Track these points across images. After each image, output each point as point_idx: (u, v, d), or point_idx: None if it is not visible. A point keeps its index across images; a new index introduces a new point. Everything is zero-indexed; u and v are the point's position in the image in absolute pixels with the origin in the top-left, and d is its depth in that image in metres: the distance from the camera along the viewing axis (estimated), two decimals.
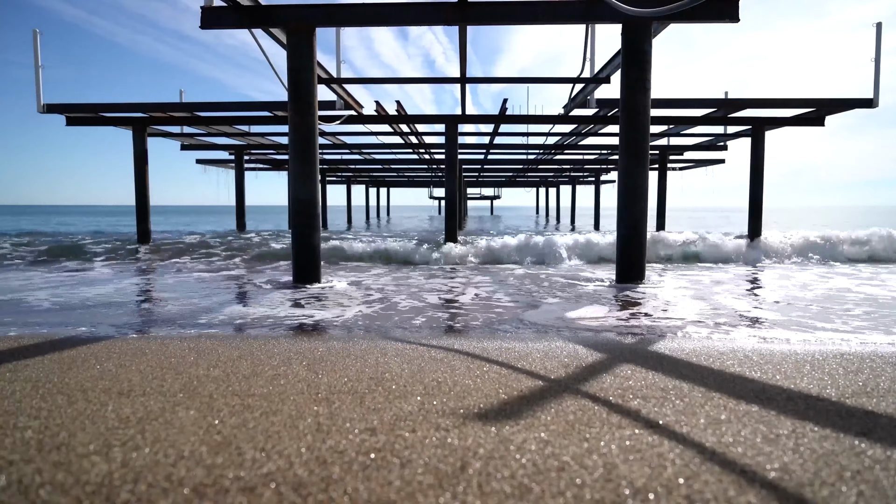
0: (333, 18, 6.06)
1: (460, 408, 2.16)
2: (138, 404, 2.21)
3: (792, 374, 2.64)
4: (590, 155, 18.11)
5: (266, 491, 1.49)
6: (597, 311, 4.74)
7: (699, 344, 3.36)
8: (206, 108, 10.39)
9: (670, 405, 2.18)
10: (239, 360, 2.91)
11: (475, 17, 6.00)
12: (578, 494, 1.47)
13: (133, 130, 12.08)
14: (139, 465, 1.65)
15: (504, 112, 10.96)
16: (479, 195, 48.24)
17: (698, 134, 14.22)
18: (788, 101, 10.02)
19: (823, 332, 3.84)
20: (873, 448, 1.76)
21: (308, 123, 6.18)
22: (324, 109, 9.16)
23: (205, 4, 5.80)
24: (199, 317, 4.51)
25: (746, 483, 1.53)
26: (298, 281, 6.42)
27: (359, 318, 4.44)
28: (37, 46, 8.93)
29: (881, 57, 8.47)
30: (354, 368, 2.76)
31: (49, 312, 4.72)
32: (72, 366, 2.82)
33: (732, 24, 5.87)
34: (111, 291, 6.03)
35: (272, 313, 4.63)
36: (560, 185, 35.57)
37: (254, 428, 1.95)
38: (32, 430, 1.93)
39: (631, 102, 6.12)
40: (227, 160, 18.04)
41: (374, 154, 17.73)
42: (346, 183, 31.15)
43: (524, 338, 3.59)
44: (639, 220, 6.24)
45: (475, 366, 2.80)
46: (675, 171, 21.68)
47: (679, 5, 3.89)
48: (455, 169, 11.83)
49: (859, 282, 6.70)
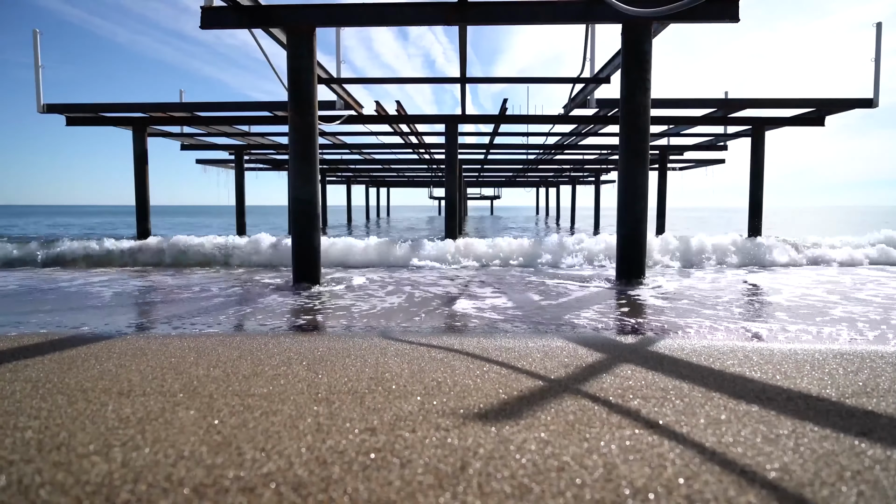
0: (333, 18, 6.06)
1: (460, 408, 2.16)
2: (138, 404, 2.21)
3: (792, 374, 2.64)
4: (590, 155, 18.11)
5: (266, 491, 1.49)
6: (597, 311, 4.74)
7: (699, 344, 3.35)
8: (206, 108, 10.39)
9: (670, 405, 2.18)
10: (239, 360, 2.91)
11: (475, 17, 6.00)
12: (578, 494, 1.47)
13: (133, 130, 12.08)
14: (139, 465, 1.65)
15: (504, 112, 10.96)
16: (479, 195, 48.26)
17: (698, 134, 14.21)
18: (788, 101, 10.02)
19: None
20: (873, 448, 1.76)
21: (308, 123, 6.18)
22: (324, 109, 9.16)
23: (205, 4, 5.80)
24: (199, 316, 4.51)
25: (746, 483, 1.53)
26: (298, 281, 6.41)
27: (359, 318, 4.44)
28: (37, 46, 8.93)
29: (881, 57, 8.46)
30: (354, 368, 2.76)
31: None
32: (72, 366, 2.82)
33: (732, 24, 5.87)
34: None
35: (272, 313, 4.63)
36: (560, 185, 35.57)
37: (254, 428, 1.95)
38: (32, 430, 1.93)
39: (631, 102, 6.12)
40: (227, 160, 18.03)
41: (374, 154, 17.73)
42: (346, 183, 31.16)
43: (524, 337, 3.59)
44: (639, 219, 6.24)
45: (475, 366, 2.80)
46: (675, 171, 21.68)
47: (679, 5, 3.89)
48: (455, 169, 11.83)
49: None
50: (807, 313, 4.59)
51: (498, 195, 46.95)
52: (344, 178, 29.69)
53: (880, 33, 8.20)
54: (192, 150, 16.40)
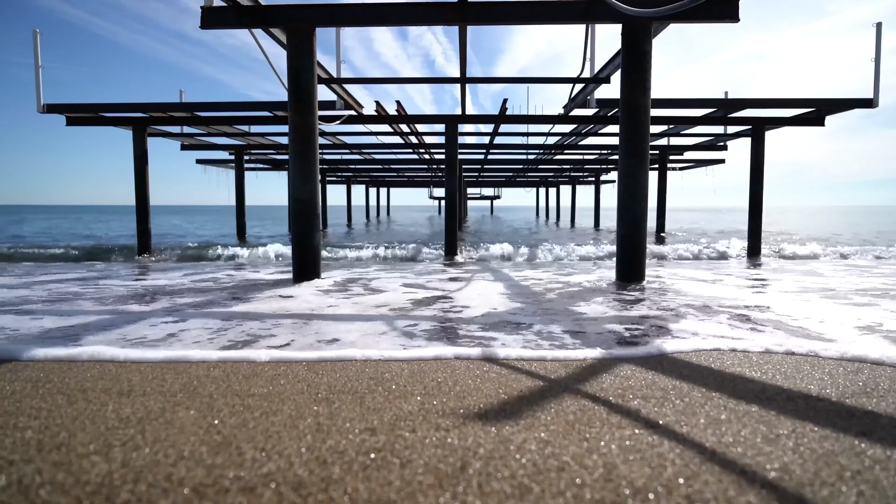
0: (333, 18, 6.06)
1: (460, 408, 2.16)
2: (138, 404, 2.21)
3: (792, 374, 2.64)
4: (590, 155, 18.10)
5: (266, 491, 1.49)
6: (596, 310, 4.74)
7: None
8: (206, 108, 10.38)
9: (670, 405, 2.18)
10: (239, 360, 2.91)
11: (475, 17, 6.00)
12: (578, 494, 1.47)
13: (133, 130, 12.07)
14: (139, 465, 1.65)
15: (504, 112, 10.96)
16: (479, 195, 48.25)
17: (698, 134, 14.21)
18: (788, 101, 10.02)
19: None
20: (873, 448, 1.76)
21: (308, 123, 6.18)
22: (324, 109, 9.16)
23: (205, 4, 5.80)
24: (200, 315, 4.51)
25: (746, 483, 1.53)
26: (298, 279, 6.42)
27: (359, 318, 4.44)
28: (37, 46, 8.93)
29: (881, 57, 8.46)
30: (354, 368, 2.76)
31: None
32: (72, 366, 2.82)
33: (732, 24, 5.87)
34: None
35: (272, 313, 4.63)
36: (560, 185, 35.57)
37: (254, 428, 1.95)
38: (32, 430, 1.93)
39: (631, 102, 6.12)
40: (227, 160, 18.03)
41: (374, 154, 17.73)
42: (346, 183, 31.16)
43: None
44: (639, 219, 6.24)
45: (475, 366, 2.80)
46: (675, 171, 21.68)
47: (679, 5, 3.89)
48: (455, 169, 11.82)
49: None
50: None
51: (498, 195, 46.94)
52: (344, 178, 29.69)
53: (880, 33, 8.20)
54: (192, 150, 16.39)
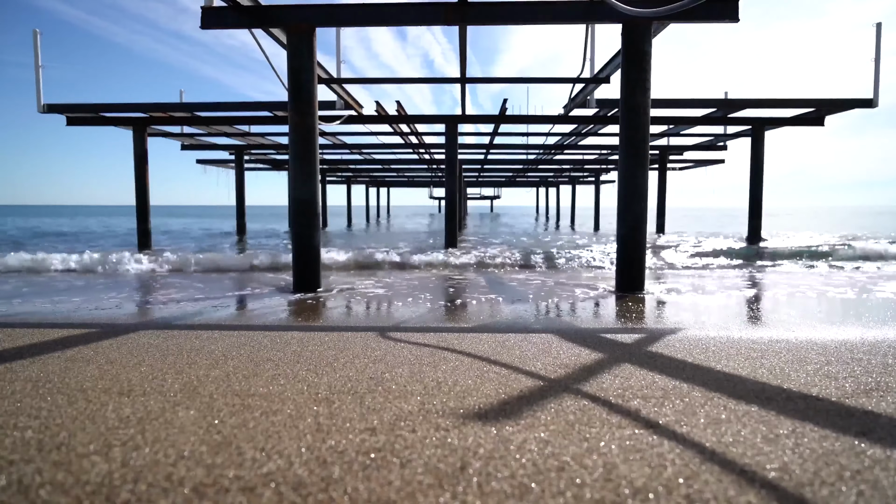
0: (333, 18, 6.05)
1: (460, 408, 2.16)
2: (138, 404, 2.21)
3: (792, 373, 2.64)
4: (590, 155, 18.11)
5: (266, 491, 1.49)
6: (596, 309, 4.74)
7: (699, 343, 3.35)
8: (206, 108, 10.39)
9: (670, 405, 2.18)
10: (239, 360, 2.91)
11: (475, 17, 6.00)
12: (578, 494, 1.47)
13: (133, 130, 12.08)
14: (139, 465, 1.65)
15: (504, 112, 10.96)
16: (479, 195, 48.27)
17: (698, 134, 14.22)
18: (788, 101, 10.02)
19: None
20: (873, 448, 1.76)
21: (308, 123, 6.18)
22: (324, 109, 9.16)
23: (205, 4, 5.80)
24: (200, 315, 4.51)
25: (746, 483, 1.53)
26: (298, 281, 6.41)
27: (359, 318, 4.44)
28: (37, 46, 8.93)
29: (881, 57, 8.47)
30: (354, 368, 2.75)
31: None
32: (72, 366, 2.82)
33: (732, 24, 5.86)
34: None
35: (271, 313, 4.63)
36: (560, 185, 35.58)
37: (254, 428, 1.94)
38: (32, 430, 1.93)
39: (631, 103, 6.11)
40: (227, 160, 18.05)
41: (374, 154, 17.73)
42: (346, 183, 31.15)
43: (524, 338, 3.59)
44: (639, 219, 6.23)
45: (475, 366, 2.80)
46: (675, 171, 21.69)
47: (679, 5, 3.89)
48: (455, 169, 11.83)
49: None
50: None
51: (498, 195, 46.97)
52: (344, 178, 29.69)
53: (880, 33, 8.20)
54: (192, 150, 16.40)
